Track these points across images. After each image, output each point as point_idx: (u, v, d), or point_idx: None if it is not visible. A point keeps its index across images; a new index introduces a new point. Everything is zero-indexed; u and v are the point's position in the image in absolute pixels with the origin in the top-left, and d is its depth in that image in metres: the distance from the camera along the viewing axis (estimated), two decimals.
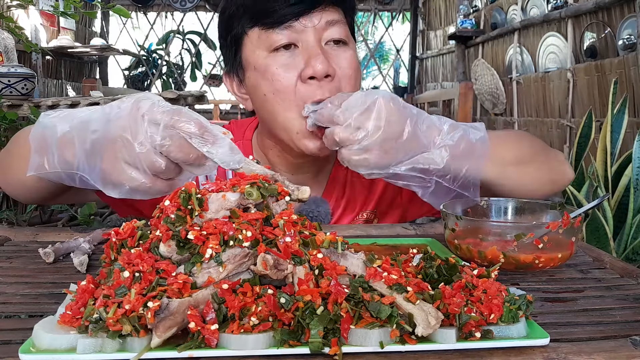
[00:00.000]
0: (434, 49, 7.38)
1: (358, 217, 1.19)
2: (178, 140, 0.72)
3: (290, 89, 1.00)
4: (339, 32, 1.03)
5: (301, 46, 1.01)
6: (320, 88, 0.99)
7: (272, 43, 1.00)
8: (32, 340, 0.51)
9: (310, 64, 0.98)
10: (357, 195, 1.20)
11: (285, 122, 1.02)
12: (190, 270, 0.57)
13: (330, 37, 1.02)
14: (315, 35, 1.01)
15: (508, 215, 0.92)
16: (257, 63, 1.03)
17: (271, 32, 1.00)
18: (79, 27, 6.46)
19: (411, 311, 0.52)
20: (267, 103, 1.03)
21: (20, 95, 3.24)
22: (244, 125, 1.23)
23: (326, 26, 1.01)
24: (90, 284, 0.56)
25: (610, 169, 2.18)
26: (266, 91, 1.02)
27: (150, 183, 0.74)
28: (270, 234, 0.59)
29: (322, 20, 1.01)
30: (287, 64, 1.00)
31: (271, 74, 1.01)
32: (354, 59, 1.05)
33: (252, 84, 1.05)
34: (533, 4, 4.59)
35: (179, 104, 3.58)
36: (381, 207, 1.21)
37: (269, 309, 0.52)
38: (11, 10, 3.71)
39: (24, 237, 0.95)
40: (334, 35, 1.02)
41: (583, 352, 0.52)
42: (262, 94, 1.03)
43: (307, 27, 1.00)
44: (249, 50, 1.05)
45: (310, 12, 1.00)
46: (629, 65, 3.21)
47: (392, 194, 1.21)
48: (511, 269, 0.78)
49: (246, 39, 1.05)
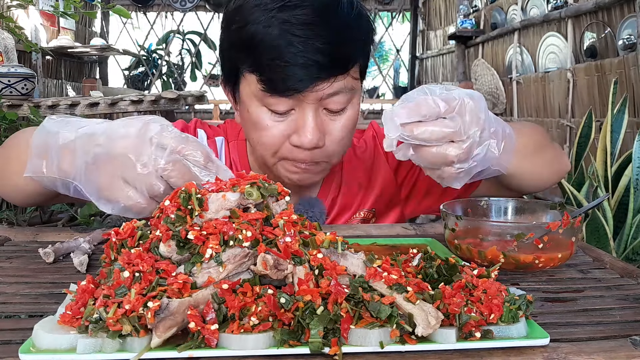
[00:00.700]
0: (434, 49, 7.38)
1: (355, 216, 1.18)
2: (181, 167, 0.72)
3: (275, 146, 0.99)
4: (340, 102, 0.97)
5: (297, 111, 0.96)
6: (304, 153, 0.98)
7: (268, 104, 0.95)
8: (32, 340, 0.51)
9: (300, 135, 0.95)
10: (353, 194, 1.19)
11: (264, 161, 1.04)
12: (190, 270, 0.57)
13: (329, 106, 0.97)
14: (314, 105, 0.95)
15: (508, 215, 0.92)
16: (251, 109, 0.98)
17: (269, 96, 0.94)
18: (79, 27, 6.46)
19: (411, 311, 0.52)
20: (252, 142, 1.05)
21: (20, 95, 3.24)
22: (239, 126, 1.21)
23: (327, 97, 0.95)
24: (90, 284, 0.56)
25: (610, 169, 2.18)
26: (253, 136, 1.01)
27: (145, 204, 0.73)
28: (270, 234, 0.59)
29: (325, 93, 0.94)
30: (278, 124, 0.97)
31: (261, 128, 0.98)
32: (348, 124, 1.00)
33: (244, 120, 1.03)
34: (533, 4, 4.59)
35: (179, 104, 3.58)
36: (380, 206, 1.20)
37: (269, 309, 0.52)
38: (11, 10, 3.71)
39: (24, 237, 0.95)
40: (333, 107, 0.97)
41: (583, 352, 0.52)
42: (250, 136, 1.03)
43: (308, 100, 0.94)
44: (245, 90, 0.99)
45: (314, 87, 0.93)
46: (629, 65, 3.21)
47: (391, 192, 1.21)
48: (511, 269, 0.78)
49: (243, 78, 0.98)
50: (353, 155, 1.22)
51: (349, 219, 1.18)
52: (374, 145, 1.24)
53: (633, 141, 2.12)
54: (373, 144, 1.24)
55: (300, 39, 0.90)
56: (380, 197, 1.20)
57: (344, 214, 1.18)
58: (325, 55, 0.91)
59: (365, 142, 1.24)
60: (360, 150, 1.23)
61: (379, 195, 1.20)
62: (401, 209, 1.23)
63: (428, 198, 1.21)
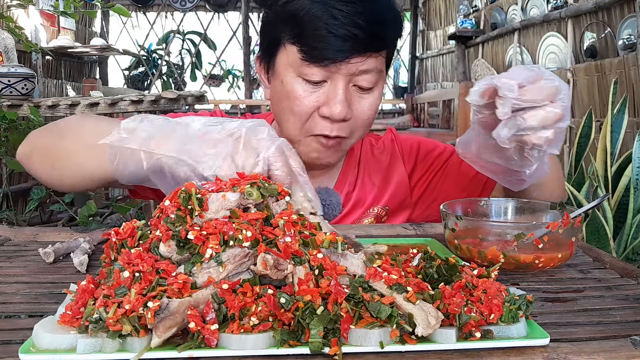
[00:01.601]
0: (434, 49, 7.38)
1: (369, 212, 1.21)
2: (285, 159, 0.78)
3: (305, 116, 1.05)
4: (369, 80, 1.04)
5: (329, 83, 1.03)
6: (332, 126, 1.04)
7: (304, 73, 1.02)
8: (32, 340, 0.51)
9: (330, 105, 1.02)
10: (368, 191, 1.22)
11: (289, 136, 1.07)
12: (190, 270, 0.57)
13: (359, 83, 1.04)
14: (346, 78, 1.02)
15: (508, 215, 0.92)
16: (285, 79, 1.05)
17: (306, 65, 1.01)
18: (79, 27, 6.45)
19: (411, 311, 0.52)
20: (281, 113, 1.08)
21: (20, 95, 3.24)
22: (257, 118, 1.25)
23: (359, 73, 1.02)
24: (90, 284, 0.56)
25: (610, 169, 2.18)
26: (284, 106, 1.06)
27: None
28: (270, 234, 0.59)
29: (357, 68, 1.02)
30: (310, 94, 1.03)
31: (294, 97, 1.04)
32: (375, 103, 1.07)
33: (277, 91, 1.08)
34: (533, 4, 4.59)
35: (179, 104, 3.58)
36: (392, 205, 1.23)
37: (269, 309, 0.52)
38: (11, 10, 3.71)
39: (24, 237, 0.95)
40: (363, 84, 1.04)
41: (583, 352, 0.52)
42: (281, 106, 1.07)
43: (341, 72, 1.01)
44: (282, 61, 1.06)
45: (350, 60, 1.00)
46: (629, 65, 3.21)
47: (404, 194, 1.25)
48: (511, 269, 0.78)
49: (283, 49, 1.05)
50: (371, 155, 1.27)
51: (363, 214, 1.20)
52: (392, 148, 1.29)
53: (633, 141, 2.12)
54: (391, 146, 1.29)
55: (343, 13, 0.98)
56: (394, 197, 1.23)
57: (357, 209, 1.21)
58: (364, 31, 0.99)
59: (383, 143, 1.30)
60: (378, 151, 1.28)
61: (392, 194, 1.23)
62: (410, 212, 1.26)
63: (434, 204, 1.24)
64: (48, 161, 0.98)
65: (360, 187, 1.22)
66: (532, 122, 0.76)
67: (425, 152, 1.29)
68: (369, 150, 1.27)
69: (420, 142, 1.32)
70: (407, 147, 1.30)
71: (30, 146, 1.03)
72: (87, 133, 0.93)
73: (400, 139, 1.32)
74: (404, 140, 1.32)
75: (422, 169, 1.27)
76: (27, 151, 1.02)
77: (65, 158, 0.95)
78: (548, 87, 0.76)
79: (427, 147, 1.30)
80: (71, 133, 0.97)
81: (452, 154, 1.27)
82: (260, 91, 9.47)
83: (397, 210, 1.24)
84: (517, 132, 0.77)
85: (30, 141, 1.03)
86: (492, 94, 0.78)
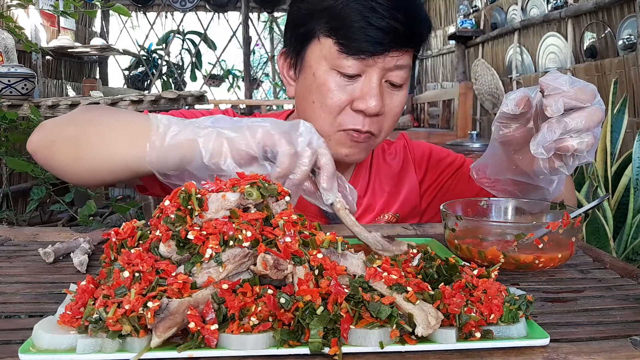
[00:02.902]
0: (434, 49, 7.37)
1: (379, 218, 1.21)
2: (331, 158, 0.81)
3: (337, 110, 1.04)
4: (402, 77, 1.05)
5: (364, 77, 1.02)
6: (364, 121, 1.03)
7: (339, 66, 1.01)
8: (32, 340, 0.51)
9: (365, 99, 1.01)
10: (378, 197, 1.22)
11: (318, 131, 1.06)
12: (190, 270, 0.57)
13: (392, 78, 1.04)
14: (381, 73, 1.02)
15: (508, 215, 0.92)
16: (318, 72, 1.04)
17: (343, 56, 1.01)
18: (79, 27, 6.45)
19: (411, 311, 0.52)
20: (310, 109, 1.07)
21: (20, 95, 3.24)
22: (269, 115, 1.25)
23: (393, 68, 1.03)
24: (90, 284, 0.56)
25: (610, 169, 2.18)
26: (315, 99, 1.05)
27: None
28: (270, 234, 0.59)
29: (393, 63, 1.02)
30: (344, 88, 1.03)
31: (327, 89, 1.03)
32: (403, 101, 1.08)
33: (306, 85, 1.07)
34: (533, 4, 4.59)
35: (179, 104, 3.58)
36: (403, 212, 1.22)
37: (269, 309, 0.52)
38: (11, 10, 3.71)
39: (24, 237, 0.95)
40: (395, 80, 1.04)
41: (583, 352, 0.52)
42: (311, 100, 1.06)
43: (378, 65, 1.01)
44: (315, 54, 1.05)
45: (388, 53, 1.00)
46: (629, 65, 3.21)
47: (414, 201, 1.24)
48: (511, 269, 0.78)
49: (316, 42, 1.04)
50: (382, 160, 1.26)
51: (373, 220, 1.20)
52: (404, 155, 1.29)
53: (633, 141, 2.12)
54: (403, 153, 1.29)
55: (383, 7, 0.99)
56: (405, 204, 1.22)
57: (367, 215, 1.20)
58: (404, 26, 1.00)
59: (395, 149, 1.29)
60: (390, 157, 1.28)
61: (403, 201, 1.22)
62: (419, 219, 1.26)
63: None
64: (75, 152, 0.93)
65: (371, 193, 1.21)
66: (579, 124, 0.74)
67: (436, 160, 1.28)
68: (381, 155, 1.27)
69: (432, 149, 1.32)
70: (419, 154, 1.29)
71: (52, 135, 0.97)
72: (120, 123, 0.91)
73: (412, 145, 1.32)
74: (415, 147, 1.31)
75: (432, 176, 1.27)
76: (47, 141, 0.96)
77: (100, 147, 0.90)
78: (589, 89, 0.76)
79: (438, 154, 1.30)
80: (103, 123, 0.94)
81: (462, 164, 1.26)
82: (260, 91, 9.47)
83: (408, 217, 1.23)
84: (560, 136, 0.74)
85: (51, 131, 0.97)
86: (526, 104, 0.77)
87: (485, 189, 0.95)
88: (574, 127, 0.74)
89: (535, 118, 0.81)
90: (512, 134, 0.82)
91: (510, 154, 0.86)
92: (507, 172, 0.89)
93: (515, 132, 0.81)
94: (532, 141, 0.76)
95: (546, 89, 0.75)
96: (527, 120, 0.81)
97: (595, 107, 0.75)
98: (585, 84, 0.76)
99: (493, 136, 0.85)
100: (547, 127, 0.74)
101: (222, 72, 8.91)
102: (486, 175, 0.93)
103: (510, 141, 0.83)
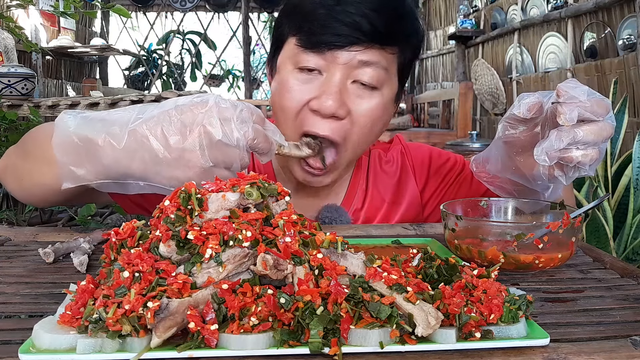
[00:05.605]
0: (434, 49, 7.37)
1: None
2: (263, 134, 0.77)
3: (293, 111, 0.98)
4: (371, 76, 0.97)
5: (325, 76, 0.97)
6: (321, 124, 0.96)
7: (299, 61, 0.98)
8: (32, 340, 0.51)
9: (320, 98, 0.95)
10: (377, 208, 1.17)
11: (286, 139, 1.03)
12: (190, 270, 0.57)
13: (360, 77, 0.97)
14: (344, 71, 0.96)
15: (508, 215, 0.92)
16: (282, 73, 1.01)
17: (302, 51, 0.97)
18: (79, 27, 6.46)
19: (411, 311, 0.52)
20: (276, 115, 1.04)
21: (20, 95, 3.24)
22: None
23: (359, 65, 0.96)
24: (90, 284, 0.56)
25: (610, 169, 2.18)
26: (277, 102, 1.01)
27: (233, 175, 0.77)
28: (270, 234, 0.59)
29: (354, 59, 0.96)
30: (302, 86, 0.98)
31: (286, 90, 0.99)
32: (376, 107, 0.99)
33: (273, 90, 1.04)
34: (533, 4, 4.60)
35: None
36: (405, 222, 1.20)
37: (269, 309, 0.52)
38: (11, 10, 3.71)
39: (24, 237, 0.95)
40: (364, 78, 0.97)
41: (583, 352, 0.52)
42: (275, 105, 1.03)
43: (338, 61, 0.96)
44: (284, 55, 1.03)
45: (345, 48, 0.95)
46: (629, 65, 3.21)
47: (416, 211, 1.20)
48: (511, 269, 0.78)
49: (285, 44, 1.03)
50: (379, 168, 1.21)
51: None
52: (402, 161, 1.23)
53: (633, 141, 2.12)
54: (401, 159, 1.23)
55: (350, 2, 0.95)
56: (405, 215, 1.19)
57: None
58: (368, 20, 0.94)
59: (392, 156, 1.23)
60: (387, 165, 1.22)
61: (404, 213, 1.18)
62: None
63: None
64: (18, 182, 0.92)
65: (369, 204, 1.17)
66: (588, 137, 0.72)
67: (437, 166, 1.23)
68: (377, 162, 1.21)
69: (431, 153, 1.26)
70: (419, 161, 1.24)
71: (3, 163, 0.96)
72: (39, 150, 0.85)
73: (410, 150, 1.25)
74: (413, 152, 1.25)
75: (434, 184, 1.22)
76: (2, 168, 0.96)
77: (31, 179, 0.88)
78: (605, 103, 0.74)
79: (438, 160, 1.24)
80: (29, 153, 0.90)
81: (464, 168, 1.23)
82: (260, 91, 9.48)
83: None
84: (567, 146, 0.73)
85: (5, 158, 0.96)
86: (539, 110, 0.76)
87: (483, 182, 0.94)
88: (582, 140, 0.73)
89: (544, 123, 0.80)
90: (518, 135, 0.81)
91: (512, 155, 0.86)
92: (506, 172, 0.89)
93: (521, 135, 0.81)
94: (537, 146, 0.75)
95: (563, 96, 0.73)
96: (535, 125, 0.80)
97: (607, 122, 0.74)
98: (601, 98, 0.75)
99: (498, 134, 0.84)
100: (556, 135, 0.73)
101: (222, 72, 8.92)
102: (485, 170, 0.92)
103: (515, 142, 0.83)
